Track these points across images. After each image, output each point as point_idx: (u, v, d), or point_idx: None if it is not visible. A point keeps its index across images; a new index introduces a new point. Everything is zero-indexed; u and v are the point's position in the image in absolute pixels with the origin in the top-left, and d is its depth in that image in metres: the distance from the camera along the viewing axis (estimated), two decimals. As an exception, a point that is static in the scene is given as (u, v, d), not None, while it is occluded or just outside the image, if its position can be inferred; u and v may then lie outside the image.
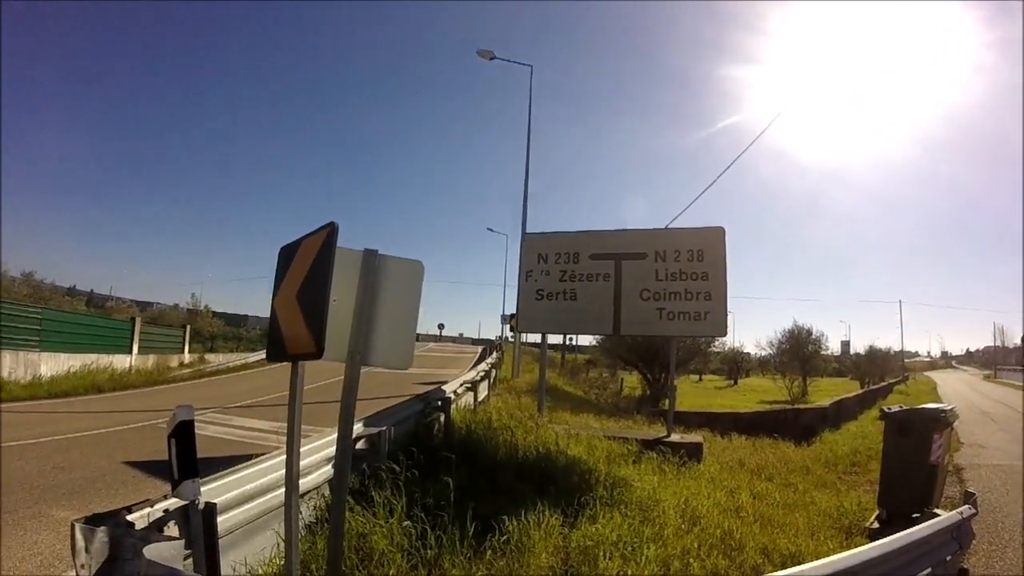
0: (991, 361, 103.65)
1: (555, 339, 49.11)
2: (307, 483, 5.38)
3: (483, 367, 19.50)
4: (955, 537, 5.32)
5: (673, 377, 14.75)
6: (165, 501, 3.56)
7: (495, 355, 28.78)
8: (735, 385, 67.15)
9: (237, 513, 4.36)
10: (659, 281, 11.92)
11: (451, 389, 11.25)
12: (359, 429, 6.60)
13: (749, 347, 75.24)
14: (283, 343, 3.66)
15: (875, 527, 7.38)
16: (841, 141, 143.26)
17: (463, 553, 4.93)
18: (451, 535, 5.05)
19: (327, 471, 5.66)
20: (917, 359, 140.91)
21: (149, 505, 3.46)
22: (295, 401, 3.67)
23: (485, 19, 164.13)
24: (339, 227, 3.39)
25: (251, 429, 12.13)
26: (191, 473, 3.45)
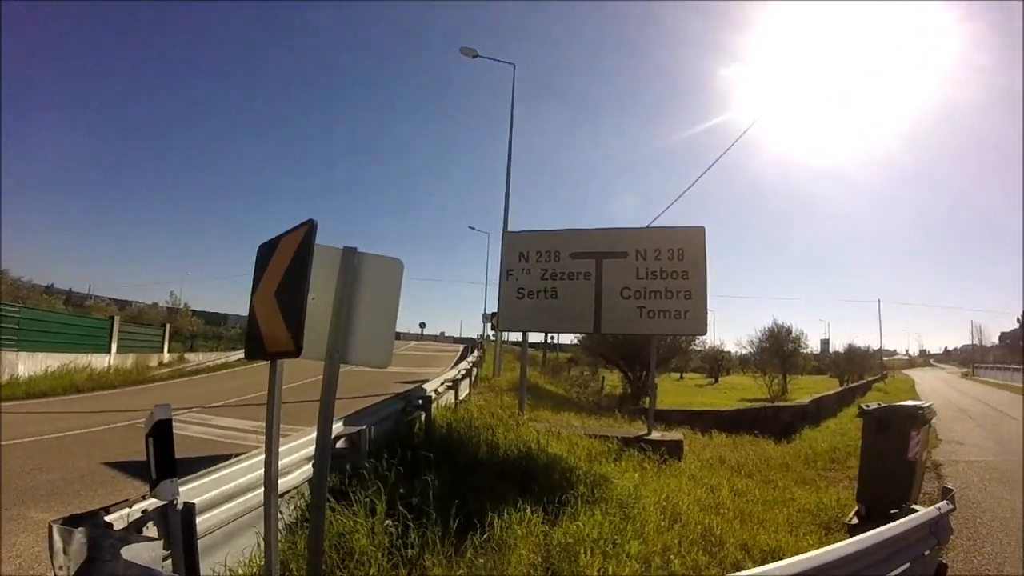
0: (969, 359, 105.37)
1: (536, 337, 49.04)
2: (287, 483, 5.36)
3: (464, 366, 19.46)
4: (933, 532, 5.36)
5: (653, 375, 14.88)
6: (143, 502, 3.53)
7: (476, 354, 28.74)
8: (716, 383, 67.39)
9: (217, 513, 4.33)
10: (640, 280, 11.94)
11: (432, 388, 11.24)
12: (339, 428, 6.58)
13: (730, 345, 75.95)
14: (261, 341, 3.64)
15: (854, 523, 7.44)
16: (821, 141, 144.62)
17: (444, 552, 4.93)
18: (432, 533, 5.05)
19: (307, 470, 5.63)
20: (896, 357, 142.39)
21: (127, 506, 3.42)
22: (274, 400, 3.66)
23: (469, 17, 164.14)
24: (318, 224, 3.38)
25: (231, 429, 12.07)
26: (169, 473, 3.42)
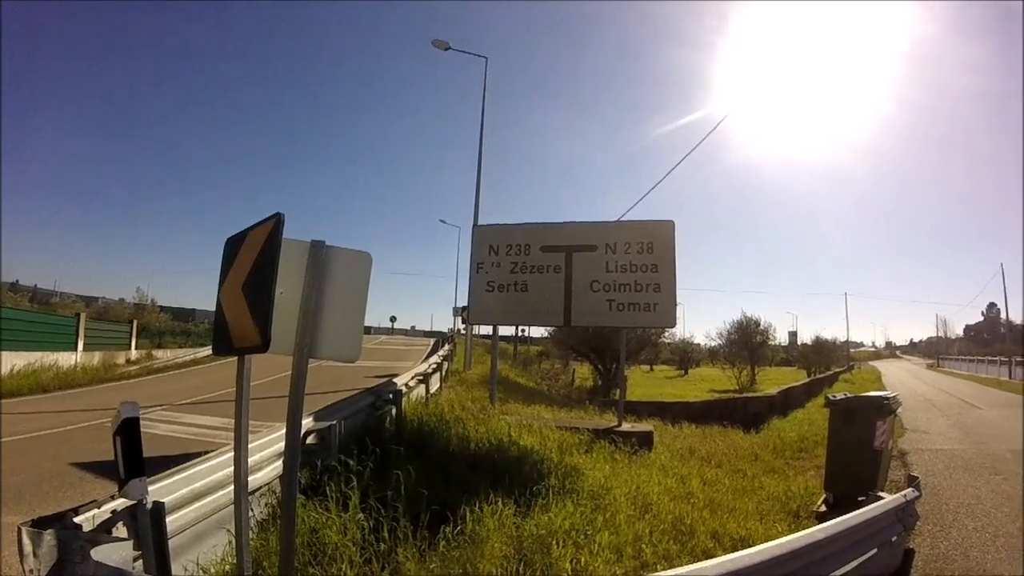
0: (934, 351, 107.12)
1: (507, 331, 49.32)
2: (257, 480, 5.32)
3: (435, 359, 19.46)
4: (900, 519, 5.46)
5: (623, 367, 14.94)
6: (112, 502, 3.47)
7: (447, 347, 28.71)
8: (685, 375, 67.81)
9: (187, 512, 4.27)
10: (609, 273, 12.02)
11: (402, 382, 11.22)
12: (309, 424, 6.53)
13: (699, 338, 76.37)
14: (229, 336, 3.61)
15: (822, 510, 7.54)
16: (791, 138, 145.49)
17: (417, 545, 4.92)
18: (404, 527, 5.04)
19: (277, 467, 5.58)
20: (862, 349, 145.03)
21: (96, 506, 3.37)
22: (242, 396, 3.63)
23: (442, 9, 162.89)
24: (285, 218, 3.36)
25: (200, 426, 11.93)
26: (137, 472, 3.38)
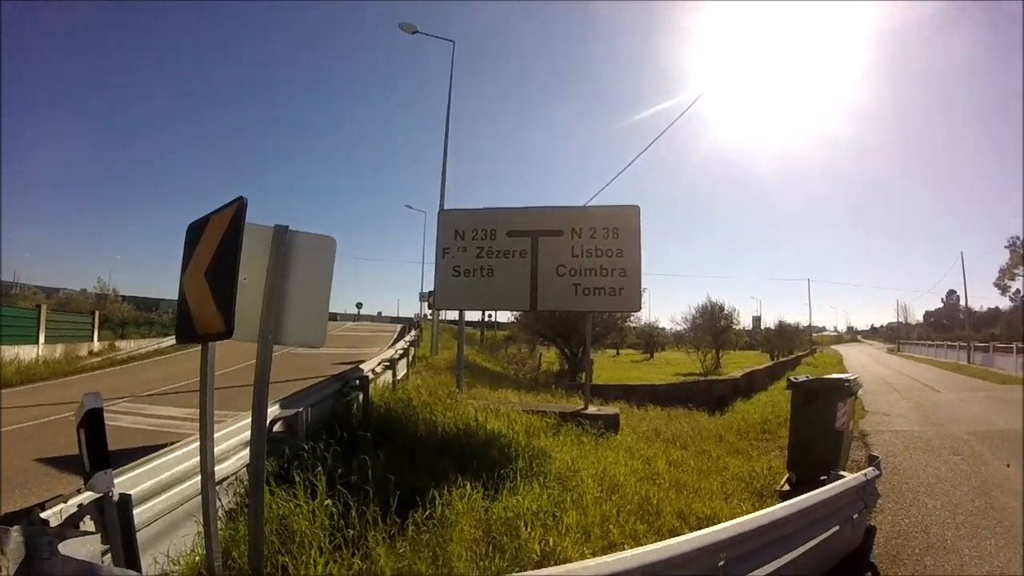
0: (895, 336, 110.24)
1: (474, 316, 49.17)
2: (224, 469, 5.29)
3: (401, 345, 19.44)
4: (861, 497, 5.56)
5: (589, 351, 15.03)
6: (78, 495, 3.42)
7: (413, 333, 28.70)
8: (651, 359, 68.49)
9: (154, 504, 4.25)
10: (575, 258, 12.04)
11: (369, 368, 11.20)
12: (275, 411, 6.51)
13: (664, 322, 77.29)
14: (192, 323, 3.58)
15: (785, 489, 7.64)
16: (759, 126, 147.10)
17: (386, 529, 4.92)
18: (374, 513, 5.03)
19: (244, 456, 5.55)
20: (824, 334, 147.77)
21: (62, 501, 3.31)
22: (207, 384, 3.60)
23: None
24: (248, 202, 3.33)
25: (166, 417, 11.78)
26: (103, 464, 3.35)
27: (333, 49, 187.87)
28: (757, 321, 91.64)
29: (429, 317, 38.61)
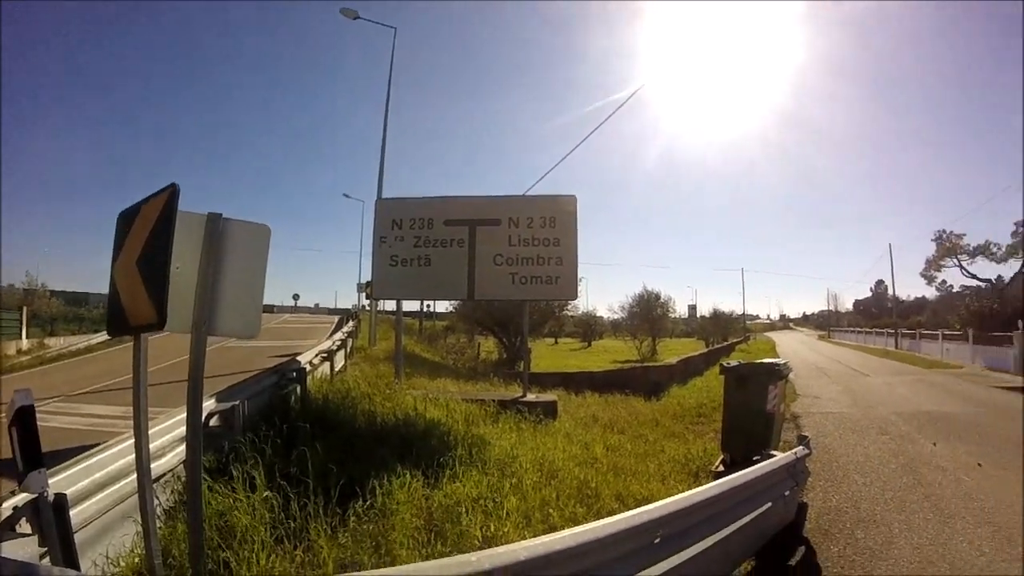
0: (826, 323, 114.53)
1: (412, 306, 49.17)
2: (161, 466, 5.17)
3: (339, 337, 19.24)
4: (791, 474, 5.75)
5: (526, 339, 15.11)
6: (12, 498, 3.32)
7: (351, 324, 28.49)
8: (589, 347, 68.90)
9: (91, 504, 4.13)
10: (512, 247, 12.10)
11: (306, 360, 11.09)
12: (211, 405, 6.39)
13: (602, 311, 77.69)
14: (124, 315, 3.51)
15: (720, 470, 7.81)
16: (699, 121, 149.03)
17: (328, 521, 4.90)
18: (315, 504, 5.01)
19: (181, 451, 5.45)
20: (758, 321, 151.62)
21: (-4, 503, 3.24)
22: (140, 377, 3.53)
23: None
24: (180, 189, 3.27)
25: (99, 416, 11.46)
26: (36, 464, 3.25)
27: (269, 32, 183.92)
28: (693, 309, 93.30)
29: (367, 308, 38.40)
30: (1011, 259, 48.38)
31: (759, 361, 9.24)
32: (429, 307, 53.25)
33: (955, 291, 61.36)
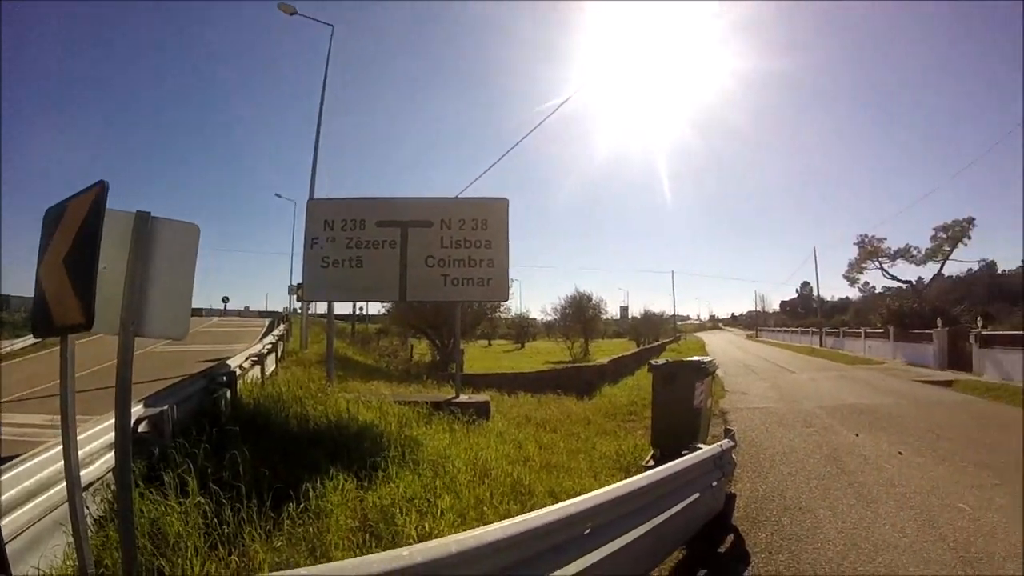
0: (754, 323, 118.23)
1: (345, 309, 48.56)
2: (90, 473, 5.04)
3: (270, 340, 19.00)
4: (718, 466, 5.98)
5: (458, 341, 15.20)
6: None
7: (282, 327, 28.11)
8: (522, 348, 69.30)
9: (19, 515, 4.00)
10: (444, 248, 12.14)
11: (236, 363, 10.91)
12: (139, 410, 6.26)
13: (535, 313, 78.30)
14: (50, 315, 3.43)
15: (650, 465, 8.00)
16: (630, 128, 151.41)
17: (262, 525, 4.86)
18: (248, 509, 4.96)
19: (110, 458, 5.33)
20: (689, 322, 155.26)
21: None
22: (67, 380, 3.46)
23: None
24: (109, 186, 3.23)
25: (24, 426, 11.00)
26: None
27: (200, 27, 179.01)
28: (625, 311, 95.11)
29: (298, 311, 37.95)
30: (930, 262, 50.79)
31: (685, 359, 9.53)
32: (362, 309, 52.75)
33: (877, 292, 64.26)
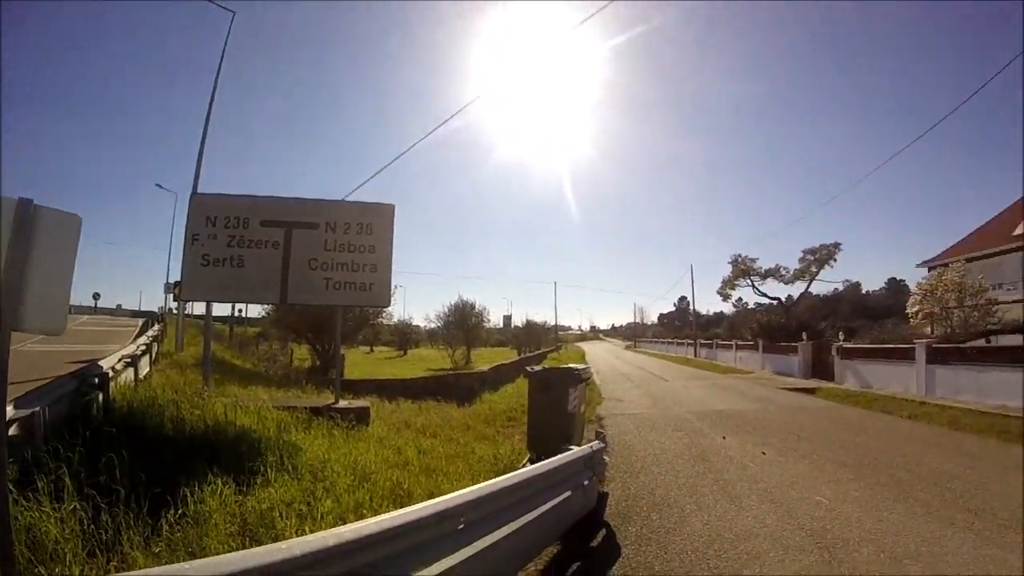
0: (633, 334, 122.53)
1: (223, 311, 47.32)
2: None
3: (143, 341, 18.38)
4: (589, 466, 6.33)
5: (339, 346, 15.15)
6: None
7: (157, 327, 27.18)
8: (405, 355, 69.10)
9: None
10: (328, 251, 12.12)
11: (108, 365, 10.57)
12: (9, 411, 6.06)
13: (418, 320, 78.34)
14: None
15: (526, 467, 8.25)
16: (522, 143, 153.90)
17: (140, 531, 4.84)
18: (126, 515, 4.92)
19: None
20: (570, 332, 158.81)
21: None
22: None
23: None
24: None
25: None
26: None
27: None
28: (508, 320, 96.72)
29: (174, 311, 36.78)
30: (798, 281, 53.88)
31: (560, 367, 9.88)
32: (241, 312, 51.65)
33: (749, 307, 68.05)
